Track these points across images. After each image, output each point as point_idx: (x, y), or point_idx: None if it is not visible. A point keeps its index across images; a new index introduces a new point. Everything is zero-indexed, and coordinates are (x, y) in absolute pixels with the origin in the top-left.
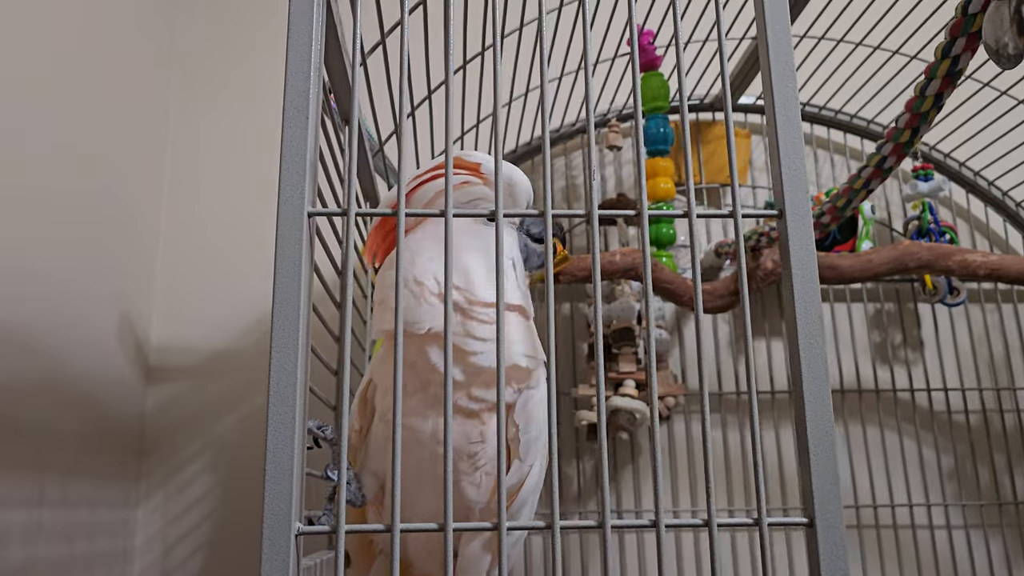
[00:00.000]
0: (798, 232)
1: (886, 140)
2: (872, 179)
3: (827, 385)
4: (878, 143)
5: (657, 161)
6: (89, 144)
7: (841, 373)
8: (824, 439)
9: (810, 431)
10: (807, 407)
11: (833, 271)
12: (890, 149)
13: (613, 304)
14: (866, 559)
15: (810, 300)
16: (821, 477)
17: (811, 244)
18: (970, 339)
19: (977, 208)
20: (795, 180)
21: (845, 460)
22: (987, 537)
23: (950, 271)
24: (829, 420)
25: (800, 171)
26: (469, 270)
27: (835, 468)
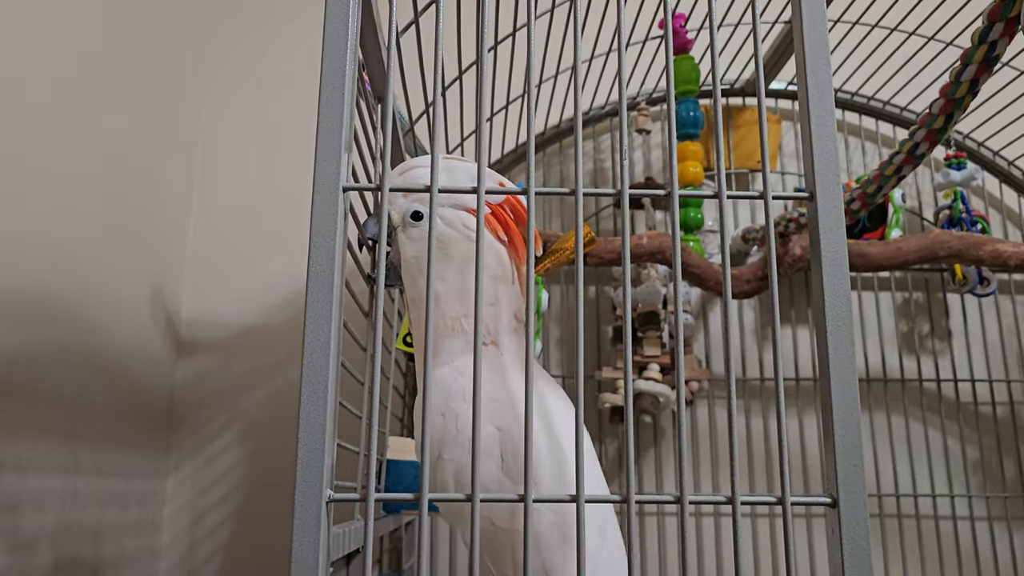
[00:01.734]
0: (829, 216)
1: (919, 126)
2: (904, 165)
3: (854, 366)
4: (911, 129)
5: (687, 145)
6: (124, 127)
7: (867, 362)
8: (850, 420)
9: (836, 412)
10: (833, 387)
11: (862, 259)
12: (923, 135)
13: (639, 288)
14: (887, 548)
15: (839, 283)
16: (846, 457)
17: (842, 228)
18: (999, 330)
19: (1010, 198)
20: (827, 163)
21: (869, 449)
22: (1011, 529)
23: (981, 261)
24: (855, 401)
25: (832, 154)
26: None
27: (860, 449)
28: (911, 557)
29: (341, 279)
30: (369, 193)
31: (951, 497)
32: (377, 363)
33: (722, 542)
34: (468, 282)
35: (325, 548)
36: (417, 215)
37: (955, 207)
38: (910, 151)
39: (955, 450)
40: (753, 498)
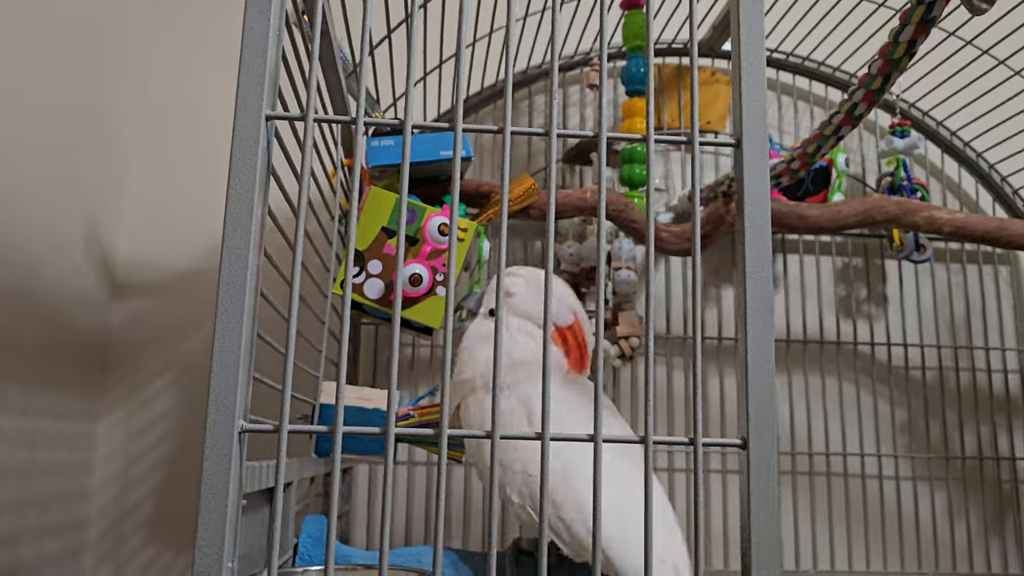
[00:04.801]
0: (754, 164)
1: (858, 86)
2: (842, 125)
3: (770, 311)
4: (850, 89)
5: (635, 101)
6: (53, 58)
7: (805, 324)
8: (764, 366)
9: (751, 357)
10: (750, 333)
11: (802, 220)
12: (862, 96)
13: (584, 244)
14: (815, 504)
15: (761, 231)
16: (758, 402)
17: (765, 175)
18: (933, 297)
19: (951, 168)
20: (754, 112)
21: (803, 408)
22: (932, 489)
23: (917, 226)
24: (770, 347)
25: (760, 103)
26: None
27: (772, 394)
28: (837, 513)
29: (263, 209)
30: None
31: (878, 456)
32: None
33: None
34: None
35: (237, 479)
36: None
37: (897, 174)
38: (848, 111)
39: (885, 412)
40: (668, 439)
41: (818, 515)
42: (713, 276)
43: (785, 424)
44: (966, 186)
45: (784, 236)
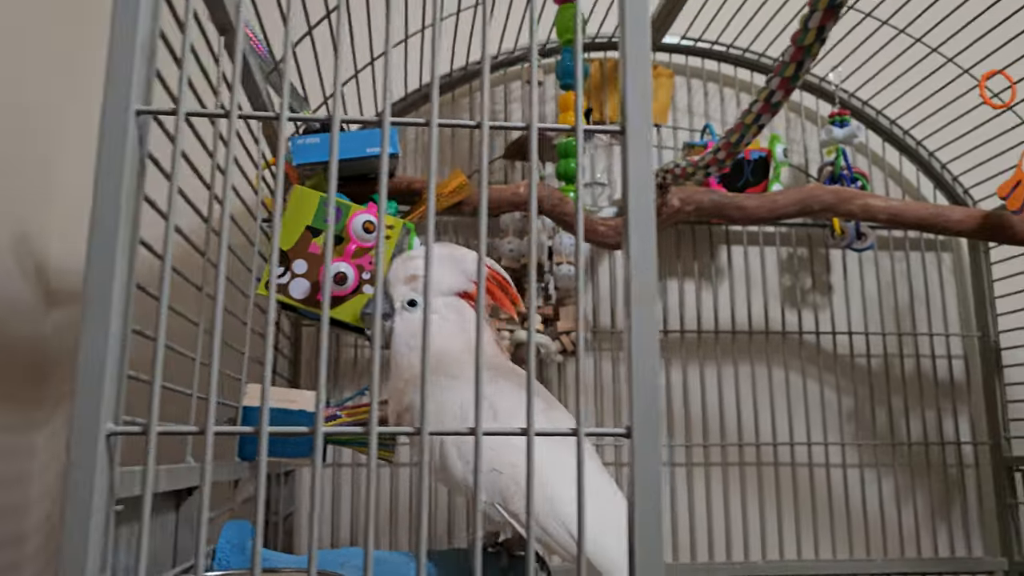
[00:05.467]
0: (637, 151)
1: (774, 74)
2: (762, 113)
3: (654, 301)
4: (768, 77)
5: (570, 95)
6: None
7: (751, 315)
8: (648, 355)
9: (635, 347)
10: (634, 323)
11: (740, 211)
12: (778, 83)
13: (525, 239)
14: (764, 495)
15: (645, 218)
16: (641, 391)
17: (649, 162)
18: (877, 285)
19: (892, 156)
20: (639, 97)
21: (750, 399)
22: (879, 476)
23: (853, 215)
24: (653, 337)
25: (645, 88)
26: None
27: (655, 384)
28: (786, 502)
29: (135, 207)
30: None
31: (826, 445)
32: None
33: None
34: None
35: (105, 486)
36: (412, 303)
37: (836, 164)
38: (766, 99)
39: (831, 400)
40: (550, 430)
41: (767, 505)
42: (661, 270)
43: (732, 415)
44: (908, 174)
45: (728, 228)
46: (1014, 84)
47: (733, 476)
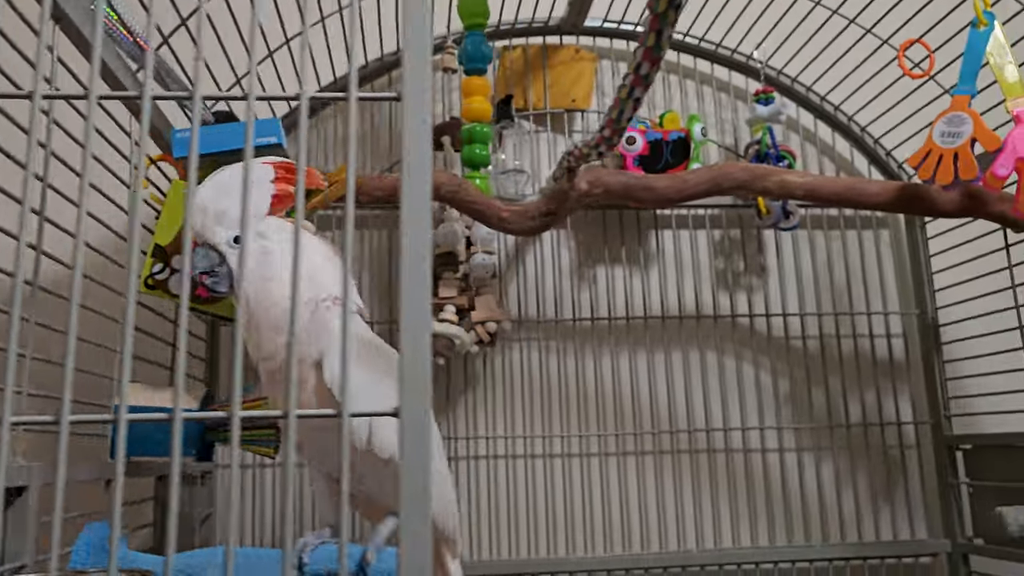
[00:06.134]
0: (414, 118)
1: (639, 45)
2: (635, 87)
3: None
4: (634, 49)
5: (472, 80)
6: None
7: (682, 299)
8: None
9: (404, 324)
10: (404, 299)
11: (650, 192)
12: (643, 54)
13: (438, 228)
14: (700, 481)
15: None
16: (410, 368)
17: (427, 131)
18: (813, 265)
19: (825, 133)
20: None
21: (681, 384)
22: (819, 459)
23: (768, 192)
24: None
25: (422, 57)
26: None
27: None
28: (723, 489)
29: None
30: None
31: (762, 429)
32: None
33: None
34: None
35: None
36: (237, 239)
37: (763, 142)
38: (635, 71)
39: (767, 384)
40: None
41: (703, 493)
42: (585, 256)
43: (666, 402)
44: (842, 150)
45: (656, 212)
46: (932, 53)
47: (668, 464)
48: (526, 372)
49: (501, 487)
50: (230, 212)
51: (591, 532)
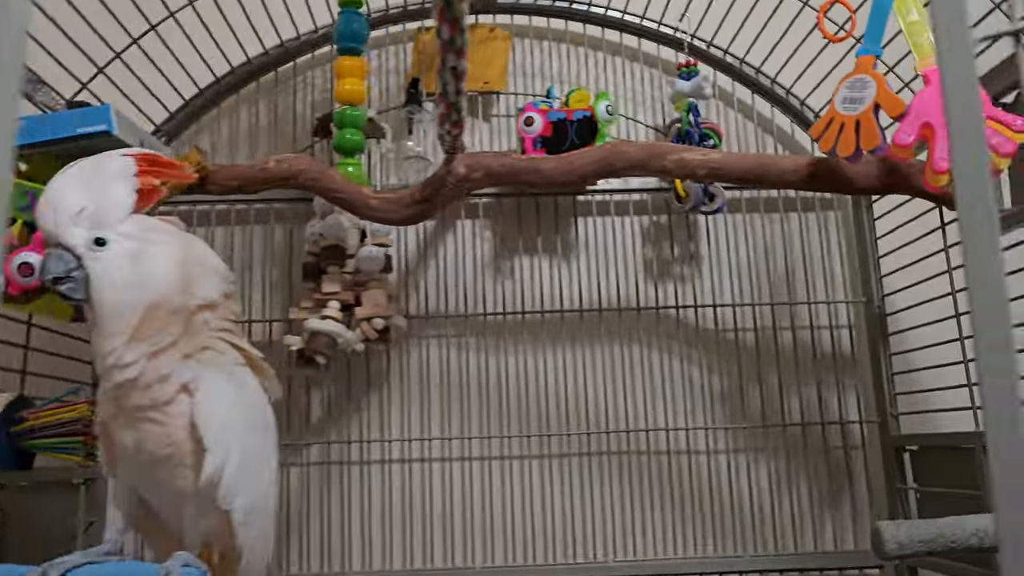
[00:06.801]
0: None
1: (433, 7)
2: (445, 55)
3: None
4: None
5: (343, 60)
6: None
7: (605, 291)
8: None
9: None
10: None
11: (537, 174)
12: (438, 15)
13: (325, 220)
14: (631, 484)
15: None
16: None
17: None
18: (750, 252)
19: (763, 107)
20: None
21: (609, 383)
22: (754, 461)
23: (667, 171)
24: None
25: None
26: None
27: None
28: (655, 492)
29: None
30: None
31: (689, 430)
32: None
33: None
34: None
35: None
36: (100, 240)
37: (684, 120)
38: (439, 35)
39: (697, 381)
40: None
41: (628, 497)
42: (501, 246)
43: (591, 401)
44: (781, 124)
45: (575, 198)
46: (853, 13)
47: (589, 467)
48: (437, 370)
49: (414, 492)
50: (90, 210)
51: (505, 540)
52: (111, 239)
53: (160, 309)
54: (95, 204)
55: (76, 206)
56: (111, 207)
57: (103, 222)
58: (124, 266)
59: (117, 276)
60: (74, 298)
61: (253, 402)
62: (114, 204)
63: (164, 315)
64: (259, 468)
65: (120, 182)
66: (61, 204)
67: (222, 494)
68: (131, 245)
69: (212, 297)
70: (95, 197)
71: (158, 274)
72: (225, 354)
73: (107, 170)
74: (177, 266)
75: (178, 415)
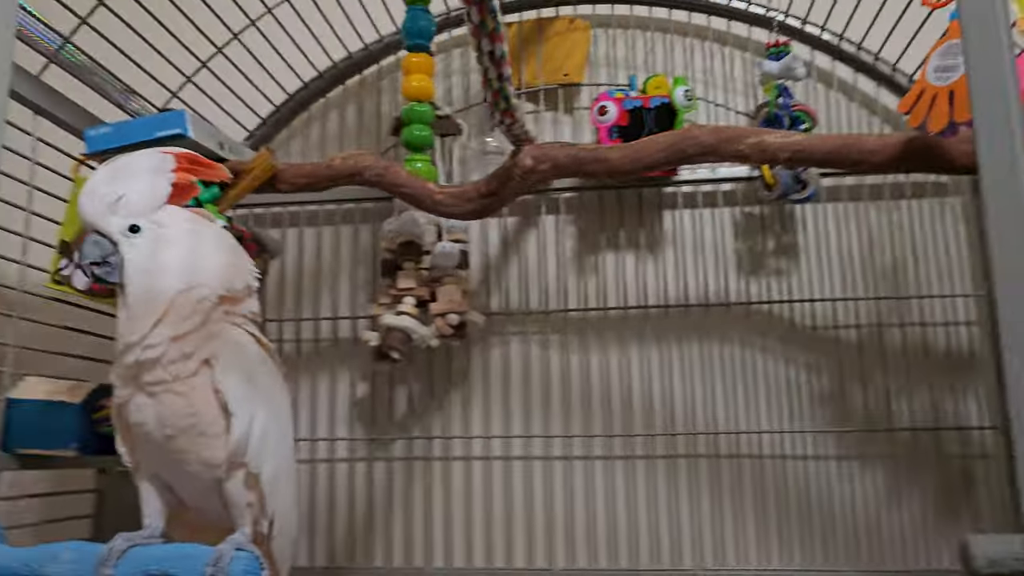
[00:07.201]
0: None
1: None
2: (479, 39)
3: None
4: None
5: (411, 57)
6: None
7: (687, 286)
8: None
9: None
10: None
11: (602, 164)
12: (472, 30)
13: (400, 218)
14: (723, 489)
15: None
16: None
17: None
18: (859, 243)
19: (867, 86)
20: None
21: (700, 382)
22: (861, 470)
23: (743, 156)
24: None
25: None
26: None
27: None
28: (745, 500)
29: None
30: None
31: (790, 433)
32: None
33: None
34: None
35: None
36: (135, 228)
37: (771, 103)
38: (468, 19)
39: (801, 381)
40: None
41: (720, 503)
42: (583, 241)
43: (680, 401)
44: (889, 103)
45: (659, 190)
46: None
47: (680, 470)
48: (520, 368)
49: (496, 490)
50: (126, 199)
51: (588, 542)
52: (145, 226)
53: (188, 296)
54: (131, 193)
55: (113, 195)
56: (146, 197)
57: (138, 211)
58: (157, 252)
59: (150, 262)
60: (110, 281)
61: (271, 376)
62: (149, 195)
63: (191, 302)
64: (281, 437)
65: (156, 176)
66: (99, 192)
67: (251, 456)
68: (164, 232)
69: (237, 289)
70: (131, 187)
71: (188, 262)
72: (242, 337)
73: (144, 164)
74: (205, 256)
75: (200, 385)
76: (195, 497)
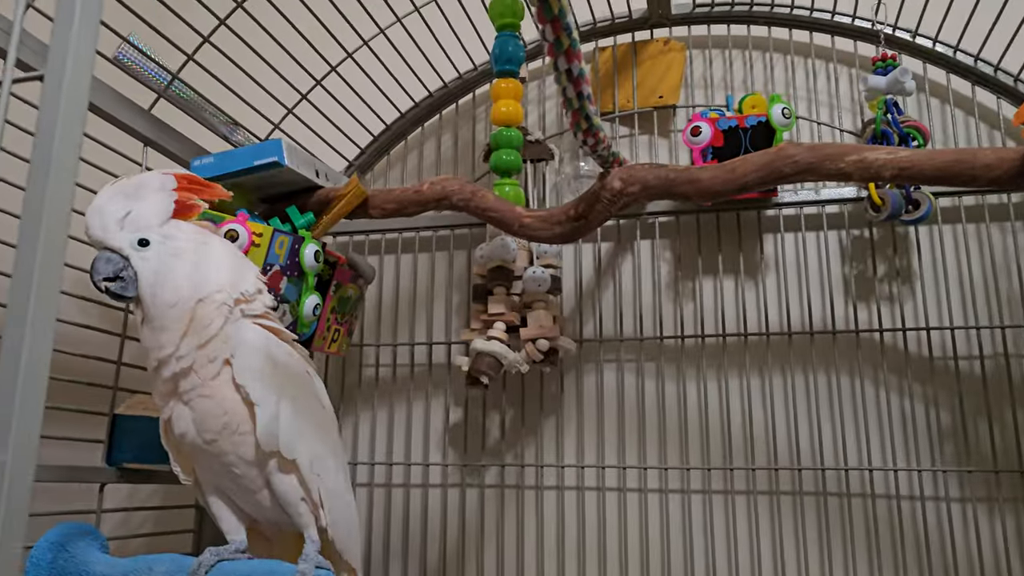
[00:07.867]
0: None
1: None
2: (556, 57)
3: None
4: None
5: (500, 82)
6: None
7: (788, 313)
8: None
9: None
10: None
11: (693, 185)
12: (537, 16)
13: (491, 243)
14: (828, 528)
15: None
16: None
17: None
18: (981, 267)
19: (987, 99)
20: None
21: (807, 415)
22: (978, 511)
23: (844, 175)
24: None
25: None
26: None
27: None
28: (858, 542)
29: None
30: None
31: (895, 471)
32: None
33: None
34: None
35: None
36: (144, 241)
37: (877, 119)
38: (543, 37)
39: (919, 415)
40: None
41: (834, 545)
42: (680, 267)
43: (784, 433)
44: (1011, 116)
45: (759, 213)
46: None
47: (783, 507)
48: (614, 396)
49: (588, 521)
50: (133, 215)
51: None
52: (153, 239)
53: (206, 304)
54: (136, 210)
55: (121, 211)
56: (151, 213)
57: (146, 225)
58: (168, 264)
59: (163, 274)
60: (126, 296)
61: (294, 366)
62: (154, 210)
63: (210, 309)
64: (313, 421)
65: (159, 194)
66: (106, 210)
67: (282, 442)
68: (173, 244)
69: (249, 291)
70: (137, 204)
71: (200, 271)
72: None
73: (148, 183)
74: (217, 263)
75: (224, 383)
76: (255, 507)
